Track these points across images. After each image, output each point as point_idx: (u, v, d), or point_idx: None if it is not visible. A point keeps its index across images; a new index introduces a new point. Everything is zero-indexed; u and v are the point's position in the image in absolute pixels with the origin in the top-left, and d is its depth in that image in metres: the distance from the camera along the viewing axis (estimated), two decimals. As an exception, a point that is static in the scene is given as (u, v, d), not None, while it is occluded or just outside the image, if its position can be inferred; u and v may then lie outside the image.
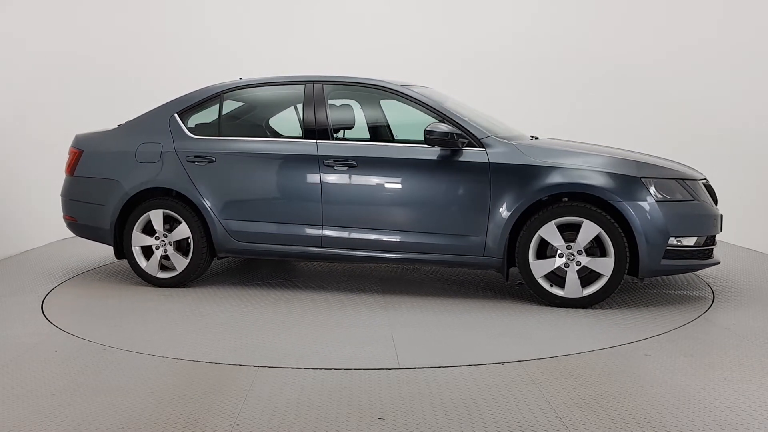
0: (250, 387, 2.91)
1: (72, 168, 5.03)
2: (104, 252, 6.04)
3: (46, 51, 6.61)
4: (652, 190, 3.96)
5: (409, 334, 3.65)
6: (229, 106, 4.91)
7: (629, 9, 7.44)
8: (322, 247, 4.45)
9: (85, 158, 4.97)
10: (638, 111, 7.28)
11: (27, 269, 5.42)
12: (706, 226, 4.09)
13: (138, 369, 3.15)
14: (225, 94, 4.82)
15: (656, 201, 3.94)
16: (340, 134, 4.67)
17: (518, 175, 4.09)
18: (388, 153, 4.35)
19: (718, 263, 4.22)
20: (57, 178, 6.76)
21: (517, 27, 7.75)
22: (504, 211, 4.09)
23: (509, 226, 4.08)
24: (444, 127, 4.16)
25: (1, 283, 4.96)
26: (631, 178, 3.98)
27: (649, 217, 3.92)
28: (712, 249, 4.20)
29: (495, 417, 2.58)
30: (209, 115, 4.88)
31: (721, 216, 4.22)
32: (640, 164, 4.10)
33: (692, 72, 6.72)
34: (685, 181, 4.10)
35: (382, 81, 4.55)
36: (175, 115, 4.82)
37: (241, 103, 5.00)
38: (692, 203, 4.06)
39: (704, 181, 4.28)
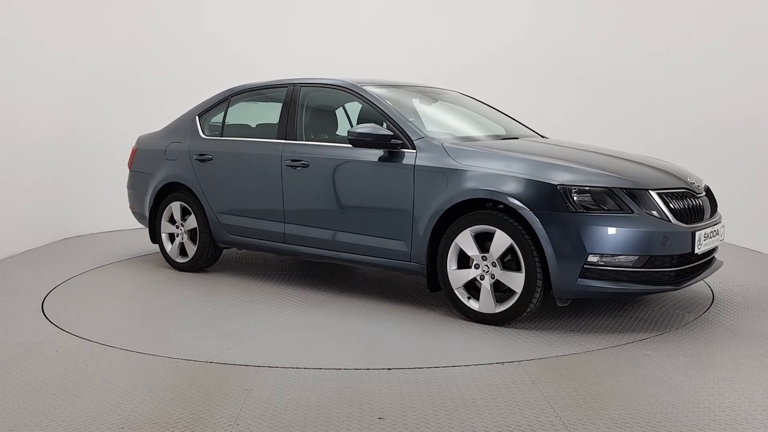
0: (250, 387, 2.91)
1: (130, 163, 5.70)
2: (104, 252, 6.05)
3: (53, 55, 6.62)
4: (572, 199, 3.47)
5: (278, 333, 3.69)
6: (235, 108, 5.21)
7: (629, 8, 7.44)
8: (284, 243, 4.64)
9: (137, 155, 5.64)
10: (640, 111, 7.28)
11: (27, 269, 5.42)
12: (646, 243, 3.44)
13: (138, 369, 3.16)
14: (232, 98, 5.18)
15: (573, 212, 3.44)
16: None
17: (437, 179, 3.85)
18: (334, 154, 4.34)
19: (676, 289, 3.62)
20: (58, 178, 6.82)
21: (518, 27, 7.77)
22: (424, 217, 3.88)
23: (428, 233, 3.86)
24: (364, 129, 4.02)
25: (1, 283, 4.96)
26: (546, 185, 3.52)
27: (562, 230, 3.44)
28: (674, 272, 3.56)
29: (495, 417, 2.58)
30: (219, 116, 5.23)
31: (693, 233, 3.57)
32: (563, 169, 3.61)
33: (694, 71, 6.72)
34: (623, 190, 3.51)
35: (344, 80, 4.57)
36: (197, 116, 5.30)
37: (242, 105, 5.21)
38: (628, 216, 3.45)
39: (683, 189, 3.72)
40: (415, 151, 3.98)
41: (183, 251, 5.26)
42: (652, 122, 7.15)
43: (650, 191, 3.57)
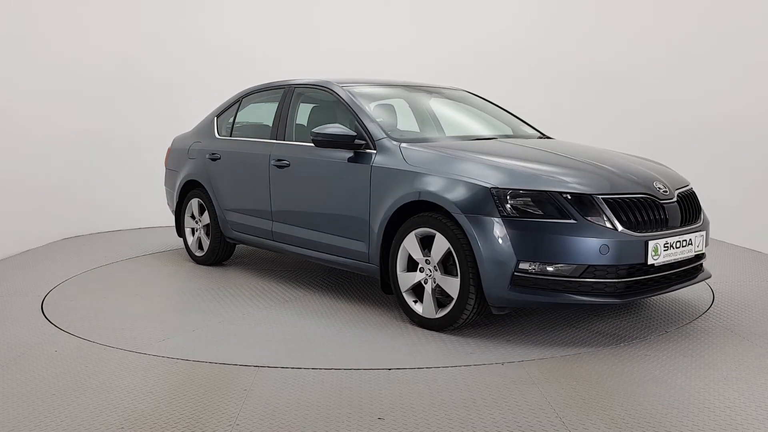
0: (250, 387, 2.91)
1: (166, 162, 5.96)
2: (103, 252, 6.05)
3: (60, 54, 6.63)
4: (507, 202, 3.30)
5: (220, 328, 3.80)
6: (244, 108, 5.36)
7: (630, 8, 7.45)
8: (273, 240, 4.75)
9: (171, 154, 5.89)
10: (641, 110, 7.29)
11: (27, 269, 5.42)
12: (583, 252, 3.20)
13: (138, 369, 3.16)
14: (243, 99, 5.32)
15: (505, 216, 3.27)
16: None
17: (390, 180, 3.79)
18: (311, 154, 4.36)
19: (619, 303, 3.32)
20: (58, 178, 6.82)
21: (517, 27, 7.78)
22: (378, 218, 3.84)
23: (381, 234, 3.82)
24: (324, 129, 4.03)
25: (1, 283, 4.96)
26: (480, 188, 3.37)
27: (493, 235, 3.27)
28: (622, 283, 3.29)
29: (495, 417, 2.58)
30: (232, 117, 5.40)
31: (646, 242, 3.28)
32: (504, 172, 3.44)
33: (696, 70, 6.72)
34: (563, 194, 3.29)
35: (323, 80, 4.63)
36: (215, 117, 5.50)
37: (251, 106, 5.35)
38: (564, 223, 3.23)
39: (642, 195, 3.43)
40: (375, 151, 3.96)
41: (201, 246, 5.50)
42: (654, 121, 7.15)
43: (595, 196, 3.31)
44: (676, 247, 3.46)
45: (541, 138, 4.73)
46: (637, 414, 2.59)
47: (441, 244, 3.51)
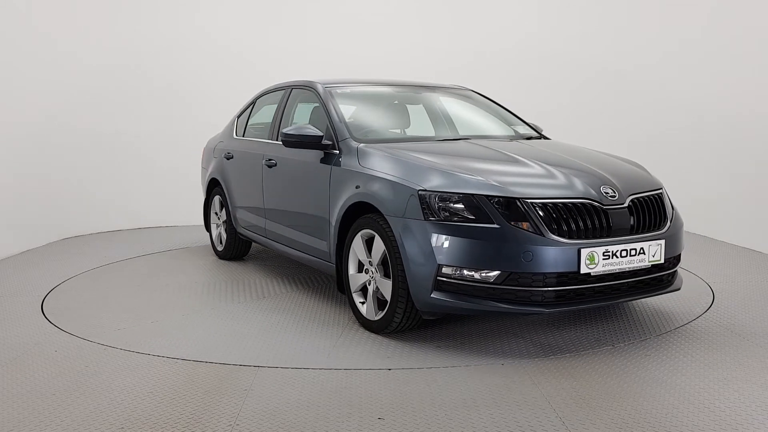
0: (250, 387, 2.91)
1: (201, 161, 6.19)
2: (104, 252, 6.05)
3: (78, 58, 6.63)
4: (433, 205, 3.21)
5: (177, 321, 3.94)
6: (256, 109, 5.47)
7: (629, 11, 7.45)
8: (266, 237, 4.87)
9: (204, 153, 6.10)
10: (640, 111, 7.30)
11: (27, 269, 5.42)
12: (504, 258, 3.07)
13: (138, 369, 3.16)
14: (257, 100, 5.45)
15: (428, 219, 3.20)
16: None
17: (344, 181, 3.78)
18: (291, 154, 4.40)
19: (545, 313, 3.16)
20: (58, 178, 6.82)
21: (518, 29, 7.78)
22: (333, 218, 3.85)
23: (335, 234, 3.82)
24: (291, 129, 4.06)
25: (1, 283, 4.96)
26: (408, 190, 3.31)
27: (417, 237, 3.20)
28: (552, 292, 3.12)
29: (495, 417, 2.58)
30: (246, 117, 5.55)
31: (579, 249, 3.08)
32: (436, 174, 3.33)
33: (699, 70, 6.72)
34: (489, 198, 3.16)
35: (308, 81, 4.69)
36: (236, 118, 5.67)
37: (262, 107, 5.45)
38: (487, 227, 3.11)
39: (581, 200, 3.22)
40: (339, 152, 3.95)
41: (221, 241, 5.72)
42: (655, 121, 7.15)
43: (524, 201, 3.15)
44: (622, 256, 3.22)
45: (531, 138, 4.57)
46: (637, 414, 2.59)
47: (379, 246, 3.48)
